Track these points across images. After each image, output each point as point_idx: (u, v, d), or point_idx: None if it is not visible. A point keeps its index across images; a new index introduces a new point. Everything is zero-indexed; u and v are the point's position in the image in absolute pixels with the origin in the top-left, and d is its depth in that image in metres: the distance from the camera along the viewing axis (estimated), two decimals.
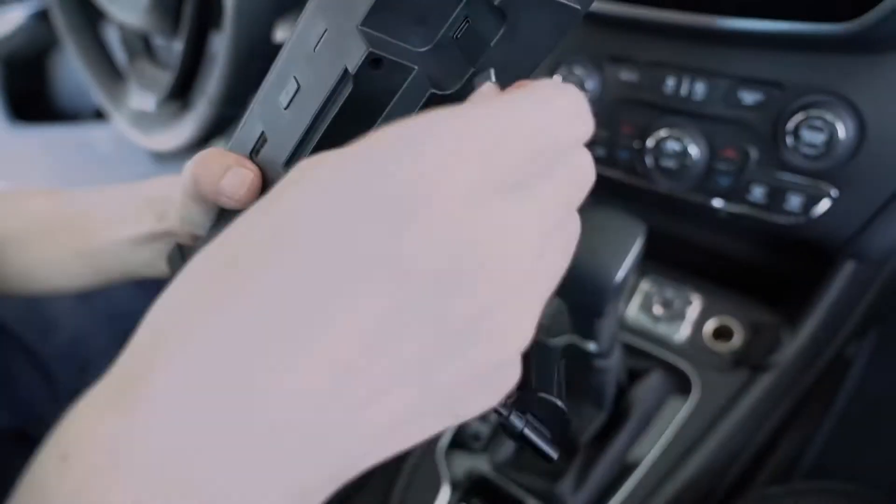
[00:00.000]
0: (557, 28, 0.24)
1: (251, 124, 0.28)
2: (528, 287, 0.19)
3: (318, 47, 0.24)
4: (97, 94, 0.78)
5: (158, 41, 0.78)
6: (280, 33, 0.69)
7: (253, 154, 0.29)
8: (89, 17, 0.77)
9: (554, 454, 0.26)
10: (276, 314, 0.16)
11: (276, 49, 0.62)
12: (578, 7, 0.23)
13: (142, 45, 0.77)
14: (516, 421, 0.25)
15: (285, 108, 0.26)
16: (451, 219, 0.17)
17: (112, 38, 0.82)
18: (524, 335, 0.19)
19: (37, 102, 1.32)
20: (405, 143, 0.17)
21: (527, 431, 0.25)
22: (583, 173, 0.20)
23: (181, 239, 0.37)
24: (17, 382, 0.60)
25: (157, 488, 0.15)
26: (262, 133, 0.28)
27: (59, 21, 0.77)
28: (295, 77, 0.25)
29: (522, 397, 0.26)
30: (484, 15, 0.23)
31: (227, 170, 0.28)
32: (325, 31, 0.23)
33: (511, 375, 0.20)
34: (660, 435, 0.58)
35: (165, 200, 0.40)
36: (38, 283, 0.46)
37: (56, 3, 0.77)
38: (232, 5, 0.55)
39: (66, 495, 0.15)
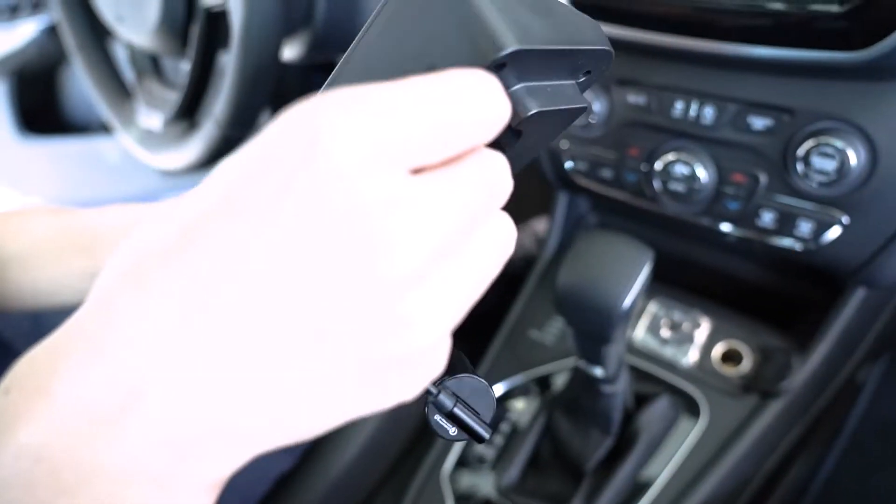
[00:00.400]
0: (563, 124, 0.25)
1: None
2: (437, 279, 0.18)
3: None
4: (105, 112, 0.78)
5: (166, 60, 0.78)
6: (287, 53, 0.69)
7: None
8: (97, 36, 0.77)
9: (486, 434, 0.26)
10: (178, 299, 0.18)
11: (284, 69, 0.63)
12: (586, 105, 0.24)
13: (150, 65, 0.77)
14: (446, 400, 0.25)
15: None
16: (340, 184, 0.17)
17: (120, 55, 0.82)
18: (434, 327, 0.19)
19: (46, 115, 1.33)
20: (299, 112, 0.18)
21: (457, 410, 0.25)
22: (495, 171, 0.20)
23: None
24: None
25: (74, 415, 0.18)
26: None
27: (68, 39, 0.78)
28: None
29: (447, 380, 0.26)
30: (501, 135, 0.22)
31: None
32: None
33: (428, 365, 0.20)
34: (667, 460, 0.57)
35: None
36: (43, 300, 0.46)
37: (65, 22, 0.77)
38: (240, 25, 0.55)
39: (5, 422, 0.18)
